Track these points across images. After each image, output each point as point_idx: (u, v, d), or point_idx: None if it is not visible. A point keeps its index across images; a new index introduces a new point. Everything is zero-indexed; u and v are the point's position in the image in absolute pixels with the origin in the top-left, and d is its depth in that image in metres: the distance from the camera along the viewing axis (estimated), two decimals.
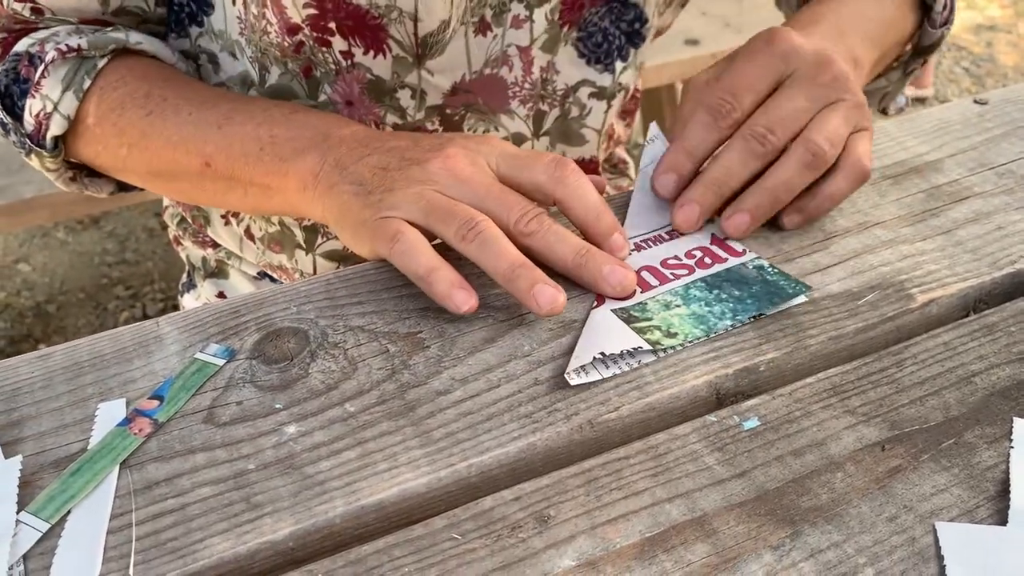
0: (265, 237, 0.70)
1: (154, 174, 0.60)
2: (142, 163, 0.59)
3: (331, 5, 0.56)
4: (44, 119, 0.59)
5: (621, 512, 0.37)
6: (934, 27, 0.66)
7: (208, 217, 0.73)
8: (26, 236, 2.22)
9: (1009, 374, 0.43)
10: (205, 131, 0.56)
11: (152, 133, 0.57)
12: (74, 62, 0.58)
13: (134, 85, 0.58)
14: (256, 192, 0.55)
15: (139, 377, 0.44)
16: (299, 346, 0.45)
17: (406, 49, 0.59)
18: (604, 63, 0.65)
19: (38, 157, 0.61)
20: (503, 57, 0.62)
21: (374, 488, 0.38)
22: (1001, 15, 3.15)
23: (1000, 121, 0.63)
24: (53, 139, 0.60)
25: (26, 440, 0.41)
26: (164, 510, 0.37)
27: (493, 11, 0.59)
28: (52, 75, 0.58)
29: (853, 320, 0.46)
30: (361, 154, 0.50)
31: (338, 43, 0.58)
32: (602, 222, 0.48)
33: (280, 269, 0.71)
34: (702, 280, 0.49)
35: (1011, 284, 0.49)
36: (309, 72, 0.60)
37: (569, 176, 0.48)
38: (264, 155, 0.53)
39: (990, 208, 0.54)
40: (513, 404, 0.42)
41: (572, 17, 0.62)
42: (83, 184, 0.65)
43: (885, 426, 0.41)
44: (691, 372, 0.43)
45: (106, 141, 0.59)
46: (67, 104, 0.58)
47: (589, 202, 0.48)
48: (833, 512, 0.37)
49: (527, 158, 0.49)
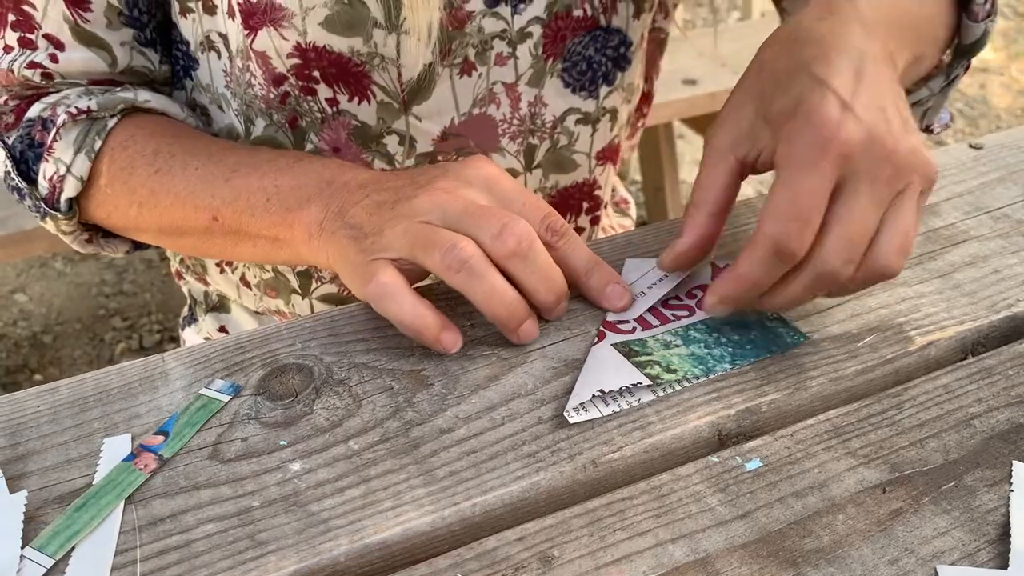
0: (261, 284, 0.70)
1: (165, 231, 0.61)
2: (152, 221, 0.60)
3: (314, 54, 0.56)
4: (58, 182, 0.60)
5: (625, 553, 0.37)
6: (975, 20, 0.56)
7: (204, 265, 0.74)
8: (24, 266, 2.22)
9: (1008, 417, 0.44)
10: (212, 185, 0.56)
11: (161, 190, 0.58)
12: (84, 124, 0.59)
13: (143, 143, 0.59)
14: (265, 244, 0.56)
15: (144, 412, 0.44)
16: (304, 383, 0.46)
17: (391, 95, 0.59)
18: (588, 89, 0.65)
19: (53, 221, 0.62)
20: (490, 95, 0.62)
21: (378, 527, 0.38)
22: (994, 57, 3.19)
23: (995, 166, 0.64)
24: (67, 201, 0.61)
25: (31, 475, 0.41)
26: (169, 547, 0.38)
27: (476, 50, 0.60)
28: (64, 138, 0.59)
29: (853, 362, 0.47)
30: (360, 197, 0.50)
31: (323, 91, 0.58)
32: (594, 278, 0.50)
33: (278, 313, 0.71)
34: (702, 323, 0.49)
35: (1008, 328, 0.50)
36: (295, 123, 0.61)
37: (560, 241, 0.49)
38: (271, 206, 0.54)
39: (987, 252, 0.55)
40: (516, 443, 0.42)
41: (555, 49, 0.62)
42: (99, 245, 0.66)
43: (886, 468, 0.41)
44: (694, 412, 0.44)
45: (117, 201, 0.60)
46: (79, 166, 0.59)
47: (580, 262, 0.50)
48: (835, 554, 0.37)
49: (524, 204, 0.49)
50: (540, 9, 0.59)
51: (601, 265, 0.50)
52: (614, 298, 0.50)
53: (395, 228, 0.47)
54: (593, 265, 0.50)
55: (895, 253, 0.43)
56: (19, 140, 0.61)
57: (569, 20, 0.61)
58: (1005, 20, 3.47)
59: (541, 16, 0.60)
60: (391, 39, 0.56)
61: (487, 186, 0.49)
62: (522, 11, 0.59)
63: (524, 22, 0.60)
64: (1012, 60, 3.18)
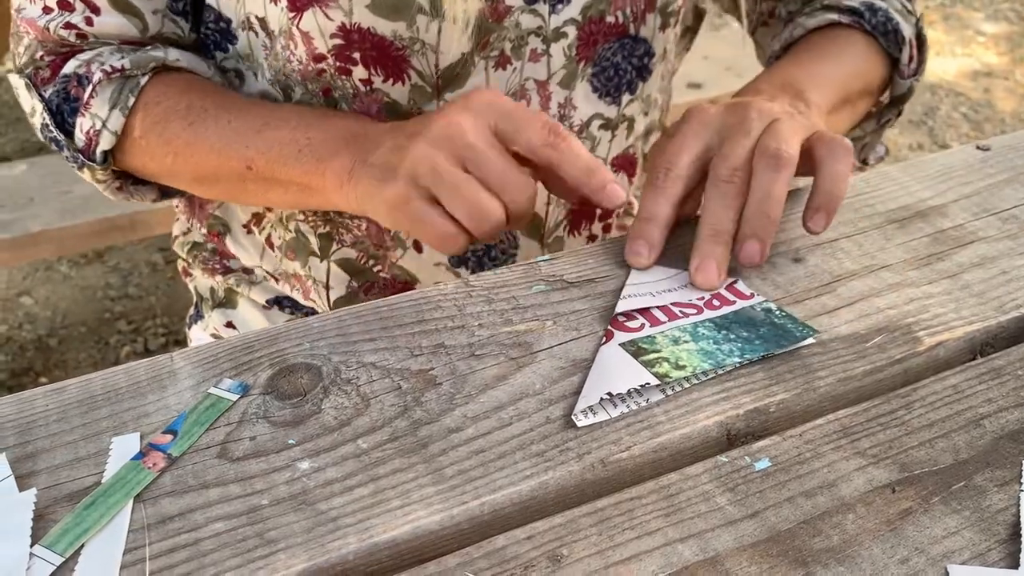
0: (283, 245, 0.72)
1: (199, 179, 0.65)
2: (188, 169, 0.63)
3: (357, 36, 0.58)
4: (94, 135, 0.63)
5: (634, 552, 0.37)
6: (903, 77, 0.71)
7: (228, 226, 0.75)
8: (29, 269, 2.22)
9: (1018, 417, 0.43)
10: (245, 136, 0.60)
11: (195, 142, 0.61)
12: (119, 82, 0.62)
13: (175, 99, 0.63)
14: (296, 190, 0.60)
15: (153, 411, 0.44)
16: (312, 382, 0.46)
17: (426, 80, 0.61)
18: (612, 95, 0.67)
19: (90, 171, 0.65)
20: (521, 91, 0.63)
21: (387, 525, 0.38)
22: (998, 61, 3.19)
23: (1002, 167, 0.64)
24: (103, 153, 0.64)
25: (40, 473, 0.41)
26: (177, 545, 0.38)
27: (512, 44, 0.61)
28: (100, 95, 0.62)
29: (861, 362, 0.47)
30: (382, 143, 0.54)
31: (359, 72, 0.60)
32: (595, 178, 0.52)
33: (295, 277, 0.72)
34: (710, 321, 0.49)
35: (1017, 328, 0.50)
36: (328, 93, 0.63)
37: (561, 143, 0.51)
38: (303, 156, 0.57)
39: (995, 253, 0.55)
40: (525, 442, 0.42)
41: (588, 53, 0.64)
42: (129, 192, 0.70)
43: (895, 468, 0.41)
44: (702, 412, 0.44)
45: (152, 152, 0.63)
46: (115, 121, 0.62)
47: (581, 163, 0.52)
48: (845, 554, 0.37)
49: (522, 119, 0.52)
50: (576, 11, 0.62)
51: (601, 168, 0.53)
52: (613, 196, 0.52)
53: (413, 160, 0.52)
54: (594, 167, 0.52)
55: (774, 141, 0.52)
56: (55, 95, 0.64)
57: (602, 25, 0.63)
58: (1010, 25, 3.47)
59: (576, 18, 0.62)
60: (433, 25, 0.58)
61: (489, 108, 0.52)
62: (559, 11, 0.61)
63: (560, 22, 0.62)
64: (1017, 64, 3.17)
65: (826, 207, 0.52)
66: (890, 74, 0.71)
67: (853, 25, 0.69)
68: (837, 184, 0.52)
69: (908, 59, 0.69)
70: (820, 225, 0.52)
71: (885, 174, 0.64)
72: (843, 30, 0.69)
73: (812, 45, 0.69)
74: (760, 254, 0.51)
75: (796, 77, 0.62)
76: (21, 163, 1.69)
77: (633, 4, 0.63)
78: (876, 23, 0.68)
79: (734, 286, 0.52)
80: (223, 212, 0.75)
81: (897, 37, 0.68)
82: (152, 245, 2.28)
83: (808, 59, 0.67)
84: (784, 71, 0.65)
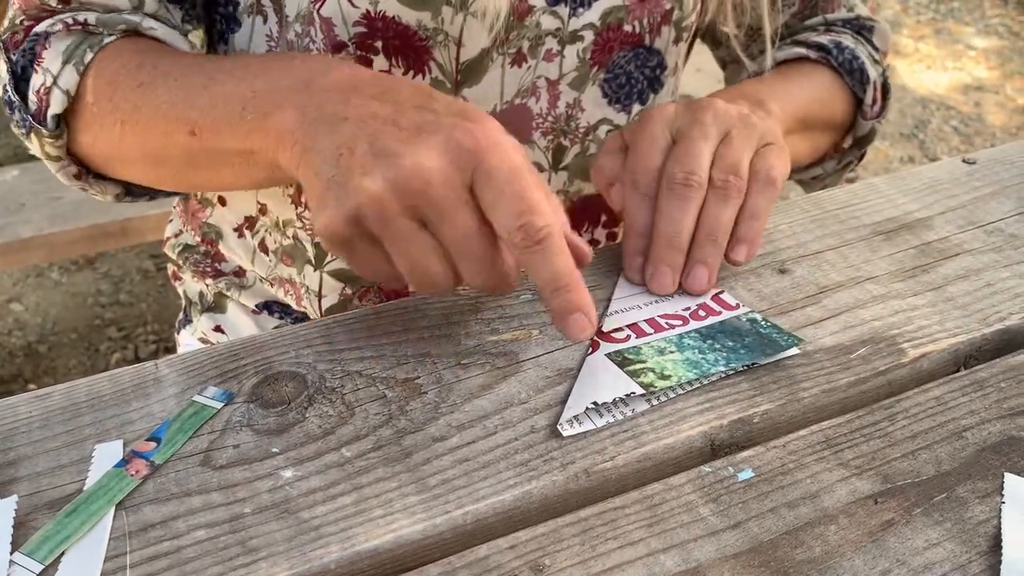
0: (279, 250, 0.71)
1: (146, 157, 0.57)
2: (135, 143, 0.56)
3: (381, 24, 0.58)
4: (44, 95, 0.57)
5: (616, 562, 0.37)
6: (865, 119, 0.72)
7: (220, 232, 0.74)
8: (20, 276, 2.22)
9: (1000, 430, 0.44)
10: (191, 95, 0.52)
11: (143, 104, 0.54)
12: (79, 35, 0.57)
13: (128, 56, 0.56)
14: (241, 163, 0.52)
15: (137, 419, 0.44)
16: (297, 390, 0.46)
17: (446, 74, 0.61)
18: (623, 103, 0.68)
19: (37, 137, 0.58)
20: (532, 88, 0.64)
21: (369, 534, 0.38)
22: (988, 76, 3.21)
23: (988, 180, 0.65)
24: (55, 118, 0.57)
25: (22, 480, 0.41)
26: (159, 553, 0.37)
27: (530, 43, 0.62)
28: (53, 47, 0.56)
29: (845, 374, 0.47)
30: (337, 116, 0.45)
31: (379, 62, 0.60)
32: (559, 299, 0.43)
33: (289, 283, 0.72)
34: (696, 331, 0.49)
35: (1000, 340, 0.50)
36: None
37: (533, 248, 0.42)
38: (246, 114, 0.49)
39: (979, 265, 0.55)
40: (509, 452, 0.42)
41: (602, 59, 0.65)
42: (87, 183, 0.63)
43: (878, 479, 0.41)
44: (686, 422, 0.44)
45: (102, 120, 0.56)
46: (67, 78, 0.56)
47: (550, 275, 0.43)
48: (827, 565, 0.37)
49: (501, 192, 0.42)
50: (595, 16, 0.62)
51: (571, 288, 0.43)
52: (575, 328, 0.43)
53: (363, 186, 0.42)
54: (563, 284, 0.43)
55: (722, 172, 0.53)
56: (21, 55, 0.59)
57: (619, 33, 0.64)
58: (1000, 39, 3.49)
59: (595, 23, 0.63)
60: (458, 18, 0.58)
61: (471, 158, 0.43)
62: (579, 14, 0.62)
63: (579, 25, 0.63)
64: (1007, 79, 3.20)
65: (747, 240, 0.53)
66: (853, 114, 0.73)
67: (820, 60, 0.71)
68: (756, 218, 0.53)
69: (872, 101, 0.71)
70: (742, 256, 0.53)
71: (872, 186, 0.64)
72: (810, 64, 0.71)
73: (777, 71, 0.72)
74: (709, 280, 0.52)
75: (757, 90, 0.64)
76: (13, 168, 1.69)
77: (650, 15, 0.64)
78: (843, 60, 0.71)
79: (719, 296, 0.52)
80: (215, 219, 0.74)
81: (862, 76, 0.71)
82: (143, 252, 2.28)
83: (772, 79, 0.69)
84: (746, 85, 0.66)
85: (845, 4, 0.76)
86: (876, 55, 0.74)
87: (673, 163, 0.53)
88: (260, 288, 0.75)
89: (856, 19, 0.75)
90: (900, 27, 3.62)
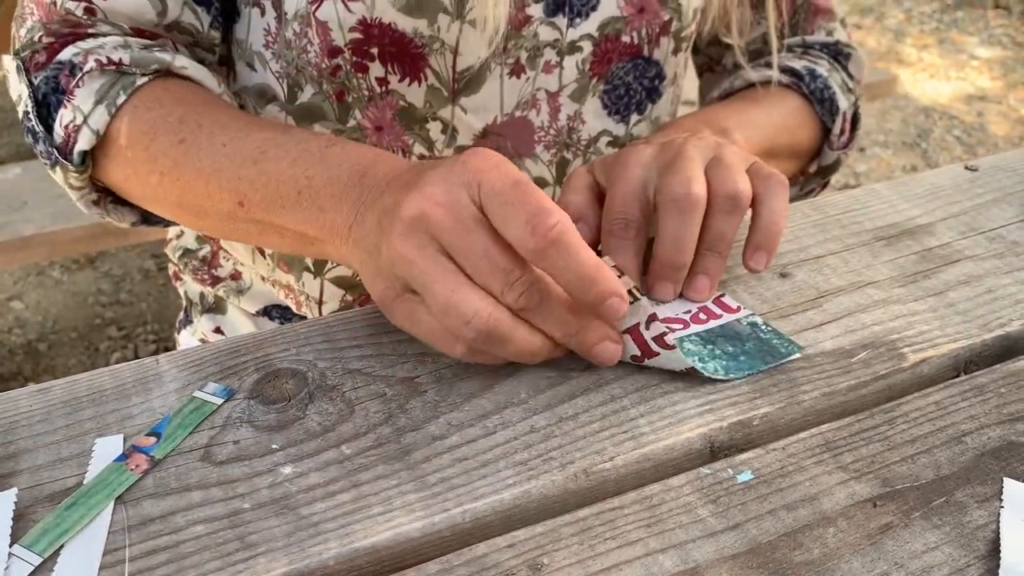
0: (275, 255, 0.71)
1: (184, 207, 0.57)
2: (173, 194, 0.56)
3: (377, 31, 0.58)
4: (73, 131, 0.56)
5: (614, 562, 0.37)
6: (832, 149, 0.73)
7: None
8: (21, 274, 2.22)
9: (999, 435, 0.44)
10: (239, 165, 0.52)
11: (184, 163, 0.54)
12: (112, 76, 0.57)
13: (169, 108, 0.56)
14: (293, 238, 0.53)
15: (137, 414, 0.44)
16: (297, 387, 0.46)
17: (442, 82, 0.61)
18: (622, 114, 0.68)
19: (63, 171, 0.58)
20: (532, 100, 0.64)
21: (368, 531, 0.38)
22: (991, 86, 3.22)
23: (990, 187, 0.65)
24: (80, 154, 0.57)
25: (22, 473, 0.41)
26: (158, 547, 0.37)
27: (528, 54, 0.62)
28: (86, 86, 0.56)
29: (845, 377, 0.47)
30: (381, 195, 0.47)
31: (375, 69, 0.60)
32: (593, 290, 0.41)
33: (287, 288, 0.72)
34: (696, 335, 0.49)
35: (1001, 346, 0.50)
36: (342, 96, 0.61)
37: (549, 249, 0.40)
38: (302, 201, 0.50)
39: (980, 271, 0.55)
40: (508, 451, 0.42)
41: (601, 70, 0.65)
42: (105, 210, 0.63)
43: (877, 483, 0.41)
44: (686, 424, 0.44)
45: (136, 167, 0.57)
46: (97, 118, 0.56)
47: (574, 273, 0.41)
48: (825, 567, 0.37)
49: (510, 208, 0.41)
50: (593, 27, 0.63)
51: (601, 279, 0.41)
52: (612, 312, 0.42)
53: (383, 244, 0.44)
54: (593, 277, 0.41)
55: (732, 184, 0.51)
56: (45, 82, 0.58)
57: (617, 44, 0.64)
58: (1003, 49, 3.50)
59: (593, 34, 0.63)
60: (455, 26, 0.58)
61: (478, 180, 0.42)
62: (577, 25, 0.62)
63: (577, 35, 0.63)
64: (1010, 89, 3.20)
65: (766, 245, 0.51)
66: (820, 143, 0.73)
67: (791, 86, 0.71)
68: (775, 222, 0.51)
69: (840, 131, 0.71)
70: (761, 263, 0.51)
71: (874, 192, 0.64)
72: (780, 88, 0.71)
73: (746, 95, 0.71)
74: (710, 287, 0.52)
75: (723, 116, 0.63)
76: (15, 166, 1.69)
77: (648, 26, 0.65)
78: (814, 88, 0.71)
79: (721, 299, 0.52)
80: None
81: (832, 107, 0.71)
82: (145, 251, 2.28)
83: (740, 105, 0.69)
84: (713, 111, 0.66)
85: (825, 27, 0.75)
86: (850, 83, 0.74)
87: (671, 178, 0.50)
88: (259, 292, 0.75)
89: (835, 44, 0.75)
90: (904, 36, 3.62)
